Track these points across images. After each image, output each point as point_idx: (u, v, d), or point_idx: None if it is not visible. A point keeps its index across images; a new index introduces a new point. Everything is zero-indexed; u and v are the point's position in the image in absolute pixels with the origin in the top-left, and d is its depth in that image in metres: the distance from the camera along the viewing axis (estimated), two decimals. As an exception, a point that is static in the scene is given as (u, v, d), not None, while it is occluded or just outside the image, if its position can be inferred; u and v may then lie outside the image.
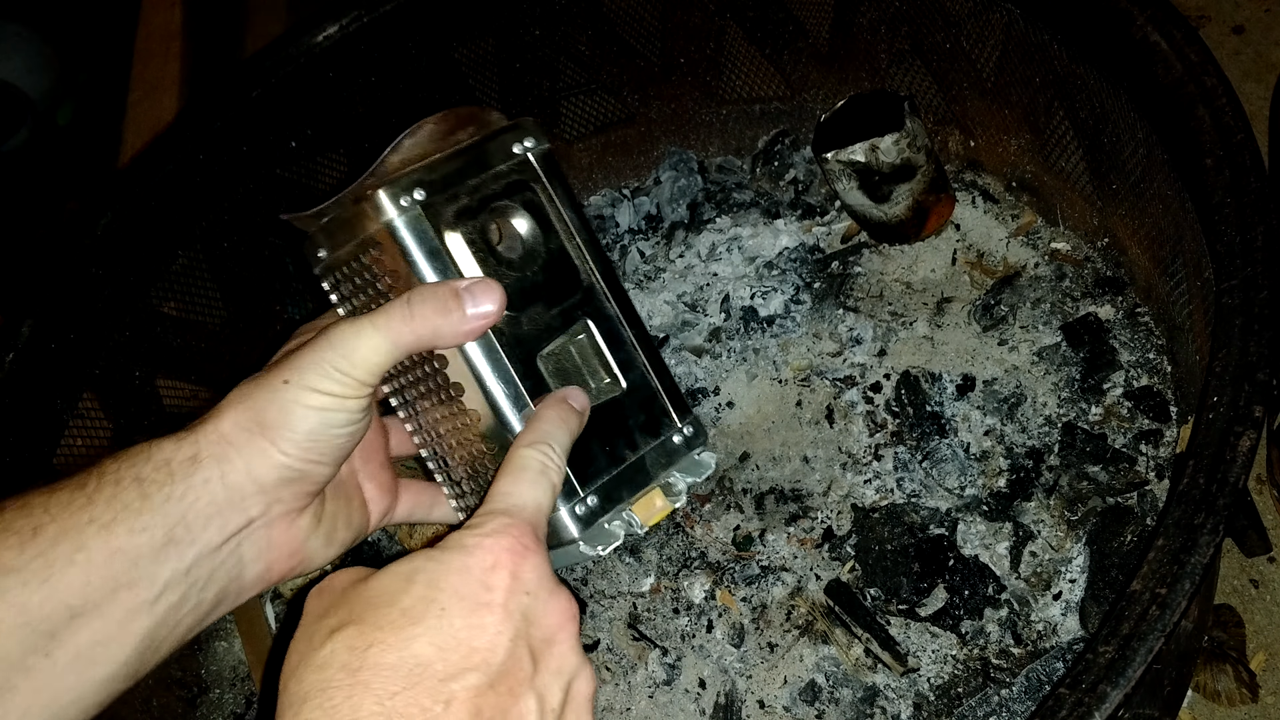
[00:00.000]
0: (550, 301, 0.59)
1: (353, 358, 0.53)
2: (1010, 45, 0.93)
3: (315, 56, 1.03)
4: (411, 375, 0.58)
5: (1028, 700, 0.74)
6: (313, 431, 0.53)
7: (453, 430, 0.58)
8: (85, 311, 0.94)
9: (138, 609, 0.51)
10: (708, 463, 0.64)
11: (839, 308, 0.98)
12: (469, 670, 0.43)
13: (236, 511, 0.53)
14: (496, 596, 0.45)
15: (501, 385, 0.56)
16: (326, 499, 0.59)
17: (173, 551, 0.52)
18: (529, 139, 0.60)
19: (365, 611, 0.44)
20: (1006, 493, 0.83)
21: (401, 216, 0.55)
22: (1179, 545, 0.55)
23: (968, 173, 1.03)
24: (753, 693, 0.80)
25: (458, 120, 0.59)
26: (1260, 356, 0.60)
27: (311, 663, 0.43)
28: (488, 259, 0.57)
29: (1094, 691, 0.51)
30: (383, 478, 0.63)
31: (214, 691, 0.96)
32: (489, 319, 0.54)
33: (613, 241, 1.15)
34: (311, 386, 0.53)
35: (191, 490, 0.52)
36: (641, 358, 0.61)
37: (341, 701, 0.41)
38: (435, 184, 0.56)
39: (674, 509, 0.62)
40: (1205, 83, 0.72)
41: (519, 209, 0.59)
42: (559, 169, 0.61)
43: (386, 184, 0.55)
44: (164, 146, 1.00)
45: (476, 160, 0.58)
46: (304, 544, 0.58)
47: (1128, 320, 0.89)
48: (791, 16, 1.07)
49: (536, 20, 1.11)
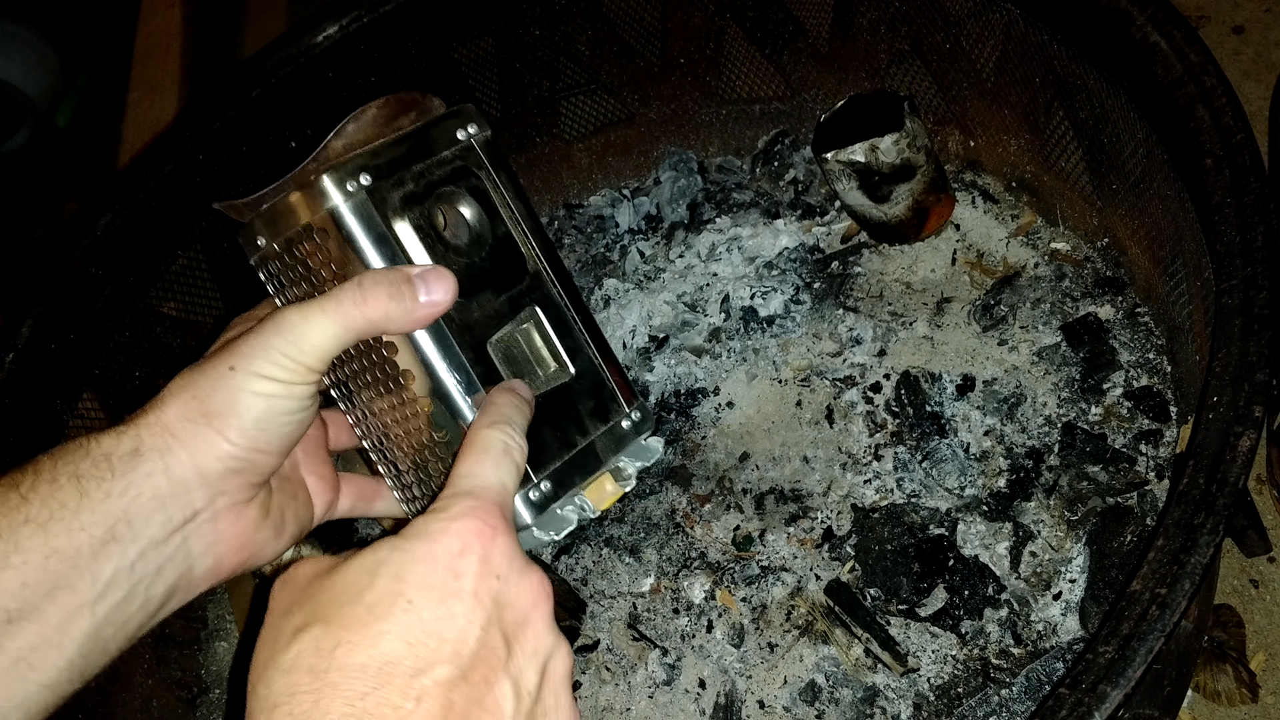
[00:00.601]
0: (498, 288, 0.58)
1: (300, 343, 0.51)
2: (1010, 45, 0.93)
3: (315, 56, 1.03)
4: (355, 365, 0.57)
5: (1028, 700, 0.74)
6: (260, 419, 0.52)
7: (398, 420, 0.57)
8: (85, 311, 0.94)
9: (79, 610, 0.50)
10: (655, 447, 0.64)
11: (839, 308, 0.98)
12: (439, 663, 0.42)
13: (180, 504, 0.52)
14: (466, 584, 0.44)
15: (453, 372, 0.55)
16: (273, 491, 0.58)
17: (115, 549, 0.51)
18: (472, 125, 0.60)
19: (330, 609, 0.43)
20: (1006, 493, 0.83)
21: (347, 202, 0.53)
22: (1179, 545, 0.55)
23: (967, 173, 1.03)
24: (753, 693, 0.80)
25: (400, 105, 0.59)
26: (1260, 356, 0.60)
27: (278, 665, 0.42)
28: (435, 245, 0.56)
29: (1094, 691, 0.51)
30: (324, 471, 0.62)
31: (214, 692, 0.96)
32: (441, 306, 0.53)
33: (613, 241, 1.15)
34: (258, 373, 0.51)
35: (133, 485, 0.51)
36: (589, 344, 0.61)
37: (310, 707, 0.40)
38: (380, 169, 0.55)
39: (624, 493, 0.63)
40: (1205, 83, 0.72)
41: (465, 195, 0.58)
42: (503, 155, 0.61)
43: (330, 169, 0.53)
44: (164, 147, 1.00)
45: (421, 146, 0.57)
46: (253, 536, 0.56)
47: (1128, 320, 0.89)
48: (791, 17, 1.07)
49: (536, 20, 1.11)
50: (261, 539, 0.57)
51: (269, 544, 0.58)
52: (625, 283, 1.09)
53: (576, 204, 1.21)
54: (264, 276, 0.59)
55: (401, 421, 0.57)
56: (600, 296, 1.09)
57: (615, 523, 0.91)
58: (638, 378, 1.00)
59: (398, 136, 0.57)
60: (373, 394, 0.57)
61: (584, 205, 1.20)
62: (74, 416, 0.91)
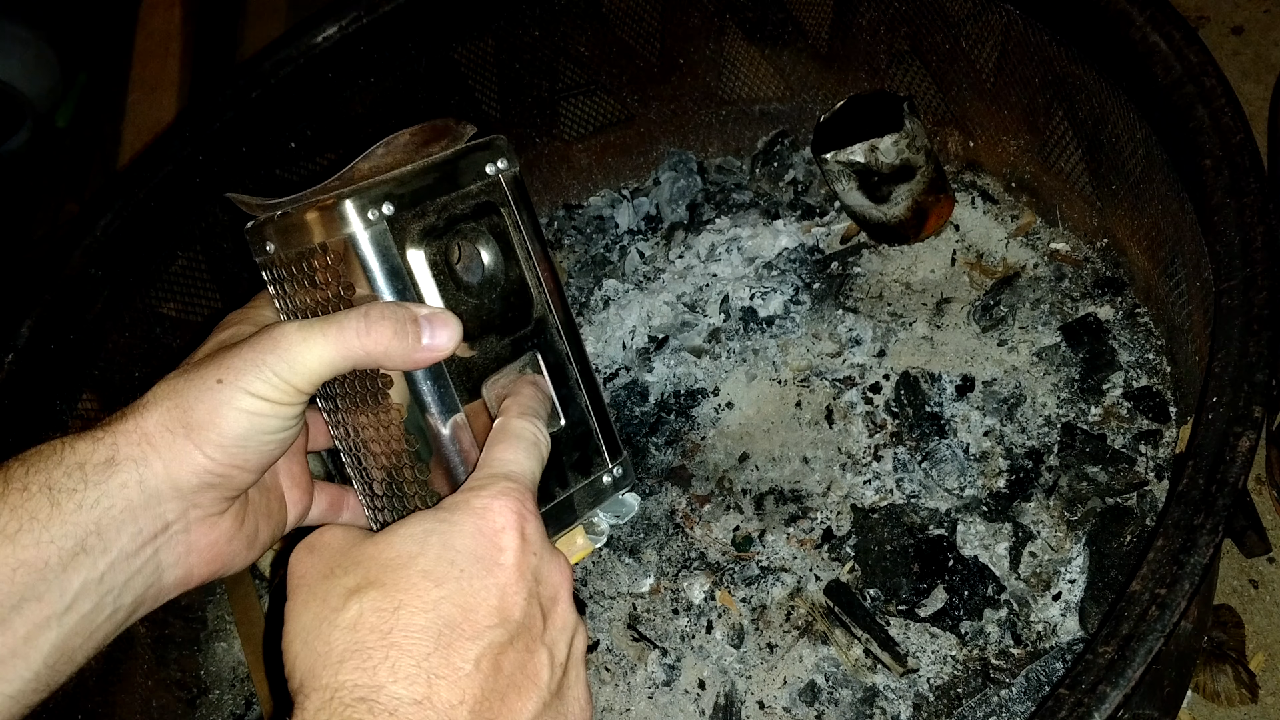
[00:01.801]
0: (503, 331, 0.57)
1: (295, 364, 0.50)
2: (1009, 46, 0.93)
3: (315, 57, 1.03)
4: (348, 384, 0.56)
5: (1027, 701, 0.74)
6: (241, 436, 0.51)
7: (382, 449, 0.57)
8: (85, 311, 0.94)
9: (45, 622, 0.49)
10: (632, 504, 0.65)
11: (838, 308, 0.98)
12: (491, 628, 0.45)
13: (152, 516, 0.51)
14: (509, 557, 0.47)
15: (445, 414, 0.54)
16: (249, 502, 0.57)
17: (84, 561, 0.50)
18: (502, 160, 0.59)
19: (383, 574, 0.45)
20: (1006, 493, 0.83)
21: (367, 231, 0.52)
22: (1178, 546, 0.55)
23: (967, 173, 1.03)
24: (752, 693, 0.80)
25: (434, 133, 0.58)
26: (1259, 357, 0.60)
27: (338, 623, 0.44)
28: (447, 283, 0.55)
29: (1094, 692, 0.51)
30: (301, 479, 0.62)
31: (213, 693, 0.96)
32: (443, 352, 0.53)
33: (612, 242, 1.15)
34: (247, 389, 0.50)
35: (106, 496, 0.50)
36: (584, 396, 0.61)
37: (379, 662, 0.43)
38: (404, 199, 0.54)
39: (595, 548, 0.63)
40: (1204, 83, 0.72)
41: (484, 234, 0.57)
42: (527, 195, 0.60)
43: (354, 194, 0.52)
44: (163, 147, 1.00)
45: (447, 177, 0.56)
46: (225, 548, 0.55)
47: (1127, 321, 0.89)
48: (791, 17, 1.07)
49: (536, 21, 1.11)
50: (234, 550, 0.56)
51: (241, 554, 0.57)
52: (625, 283, 1.09)
53: (576, 204, 1.21)
54: (267, 278, 0.58)
55: (383, 449, 0.57)
56: (600, 297, 1.09)
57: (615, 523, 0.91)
58: (637, 378, 1.01)
59: (426, 165, 0.56)
60: (358, 411, 0.57)
61: (584, 206, 1.20)
62: (74, 416, 0.91)
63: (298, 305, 0.56)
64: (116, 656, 0.89)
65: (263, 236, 0.57)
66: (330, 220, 0.53)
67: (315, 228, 0.54)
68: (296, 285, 0.56)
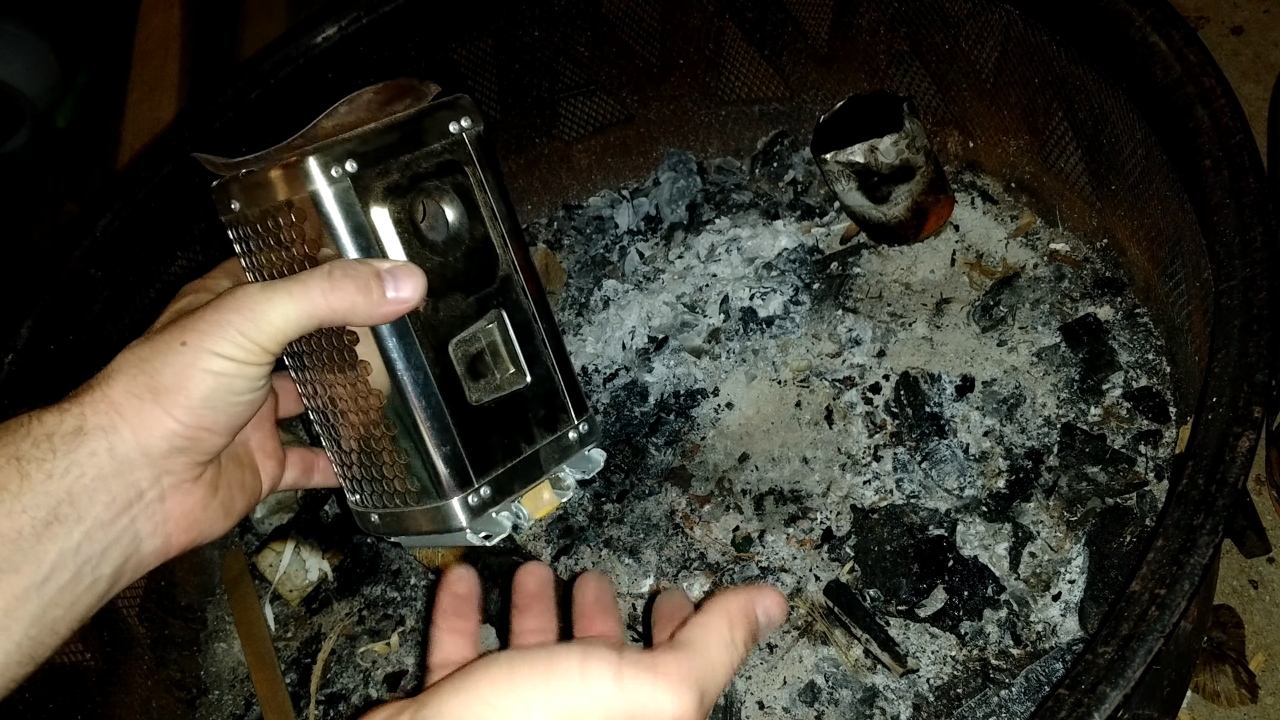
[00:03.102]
0: (468, 289, 0.58)
1: (260, 323, 0.50)
2: (1009, 46, 0.93)
3: (314, 57, 1.03)
4: (313, 341, 0.57)
5: (1027, 701, 0.74)
6: (208, 397, 0.51)
7: (352, 407, 0.57)
8: (85, 311, 0.94)
9: (24, 593, 0.49)
10: (597, 459, 0.65)
11: (838, 309, 0.98)
12: None
13: (124, 484, 0.51)
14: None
15: (411, 370, 0.55)
16: (222, 469, 0.57)
17: (59, 530, 0.49)
18: (466, 118, 0.59)
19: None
20: (1006, 493, 0.83)
21: (330, 187, 0.53)
22: (1178, 546, 0.55)
23: (967, 173, 1.03)
24: (752, 693, 0.80)
25: (397, 91, 0.58)
26: (1259, 357, 0.60)
27: None
28: (411, 240, 0.55)
29: (1093, 692, 0.51)
30: (272, 446, 0.62)
31: (213, 693, 0.96)
32: (408, 305, 0.53)
33: (612, 242, 1.15)
34: (212, 350, 0.50)
35: (76, 464, 0.50)
36: (549, 353, 0.61)
37: None
38: (367, 156, 0.54)
39: (561, 503, 0.63)
40: (1204, 83, 0.72)
41: (448, 192, 0.58)
42: (492, 152, 0.60)
43: (318, 150, 0.53)
44: (163, 148, 1.00)
45: (411, 135, 0.57)
46: (201, 515, 0.56)
47: (1127, 321, 0.89)
48: (790, 17, 1.07)
49: (535, 21, 1.11)
50: (210, 517, 0.57)
51: (218, 522, 0.57)
52: (624, 283, 1.09)
53: (576, 205, 1.21)
54: (233, 236, 0.58)
55: (354, 408, 0.57)
56: (599, 297, 1.09)
57: (614, 524, 0.91)
58: (637, 378, 1.01)
59: (389, 123, 0.56)
60: (329, 376, 0.57)
61: (583, 206, 1.20)
62: (73, 417, 0.91)
63: (263, 263, 0.57)
64: (116, 657, 0.89)
65: (228, 195, 0.57)
66: (294, 178, 0.53)
67: (279, 185, 0.54)
68: (262, 243, 0.56)
